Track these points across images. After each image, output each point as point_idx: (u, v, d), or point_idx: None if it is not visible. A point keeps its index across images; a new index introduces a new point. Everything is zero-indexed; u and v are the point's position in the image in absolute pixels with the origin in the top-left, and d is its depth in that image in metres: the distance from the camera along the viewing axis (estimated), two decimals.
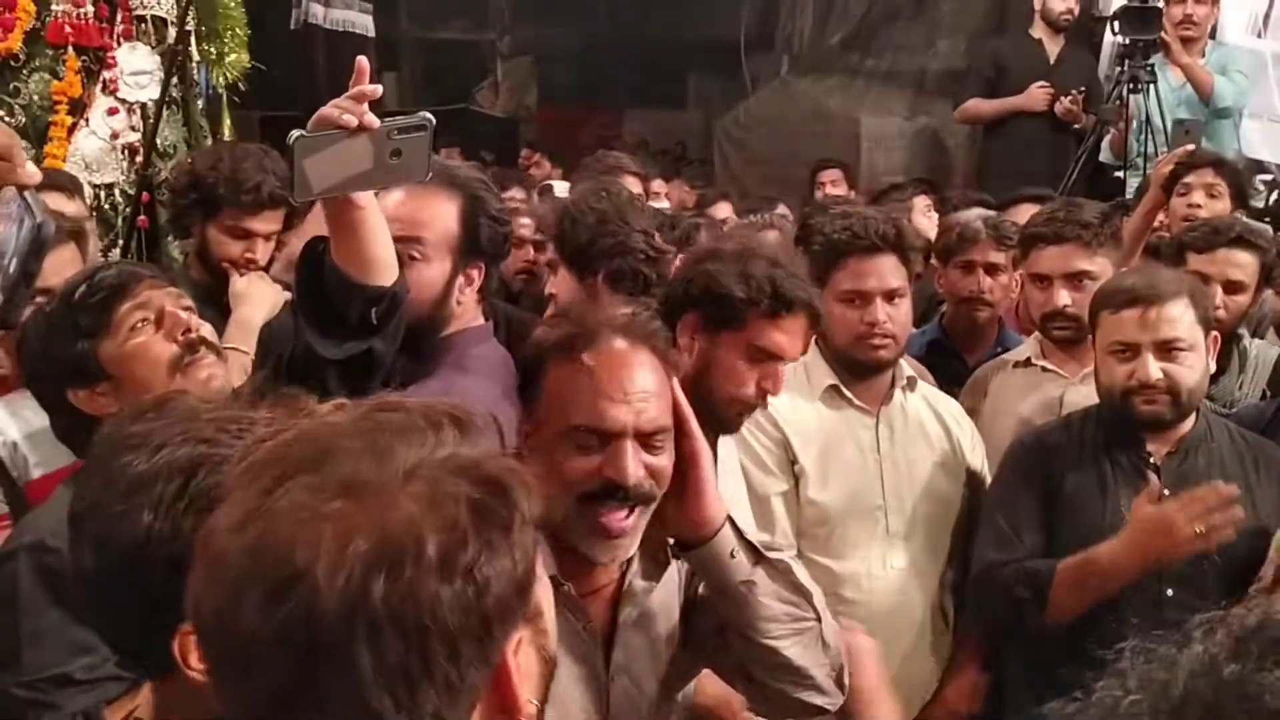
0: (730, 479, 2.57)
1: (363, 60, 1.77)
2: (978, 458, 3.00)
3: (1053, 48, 6.49)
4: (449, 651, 0.92)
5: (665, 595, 1.98)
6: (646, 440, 1.80)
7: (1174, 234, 3.70)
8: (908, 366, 2.97)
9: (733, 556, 1.86)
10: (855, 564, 2.81)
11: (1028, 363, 3.25)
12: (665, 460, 1.82)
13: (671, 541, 1.92)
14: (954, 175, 7.42)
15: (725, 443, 2.54)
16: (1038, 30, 6.51)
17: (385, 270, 1.90)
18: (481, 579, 0.93)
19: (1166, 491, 2.59)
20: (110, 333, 2.00)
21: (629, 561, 1.92)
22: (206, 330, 2.10)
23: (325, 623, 0.89)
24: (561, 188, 5.14)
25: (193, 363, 2.00)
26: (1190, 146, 4.28)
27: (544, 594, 1.07)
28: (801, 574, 1.93)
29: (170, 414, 1.31)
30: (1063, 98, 6.23)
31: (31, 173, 1.25)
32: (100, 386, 1.99)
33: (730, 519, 1.88)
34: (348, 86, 1.76)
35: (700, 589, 1.99)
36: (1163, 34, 5.67)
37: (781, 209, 5.15)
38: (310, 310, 1.94)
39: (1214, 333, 2.73)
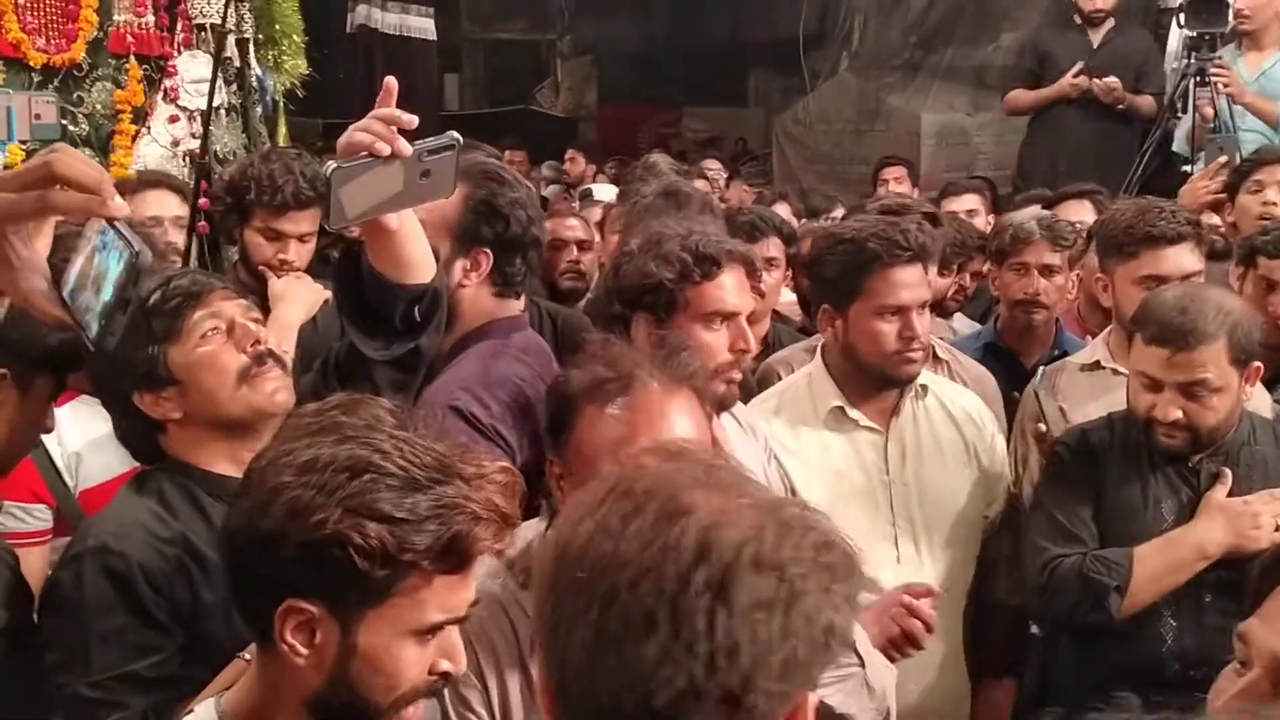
0: (738, 451, 2.53)
1: (391, 81, 1.76)
2: (998, 456, 2.90)
3: (1096, 33, 6.35)
4: (804, 623, 0.97)
5: None
6: None
7: (1245, 235, 3.59)
8: (925, 373, 2.85)
9: None
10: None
11: (1096, 365, 3.18)
12: None
13: None
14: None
15: (731, 429, 2.49)
16: (1080, 19, 6.41)
17: (422, 269, 1.90)
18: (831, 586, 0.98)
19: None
20: (181, 339, 1.99)
21: None
22: (274, 343, 2.11)
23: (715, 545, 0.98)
24: (602, 191, 5.15)
25: (259, 374, 1.99)
26: (1223, 159, 4.18)
27: None
28: None
29: (359, 415, 1.39)
30: (1097, 81, 6.11)
31: (119, 206, 1.27)
32: (167, 391, 1.98)
33: None
34: (407, 92, 1.77)
35: None
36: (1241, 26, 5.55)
37: (839, 211, 5.11)
38: (354, 312, 1.95)
39: (1255, 363, 2.65)
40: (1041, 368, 3.24)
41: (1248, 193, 3.98)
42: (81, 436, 2.50)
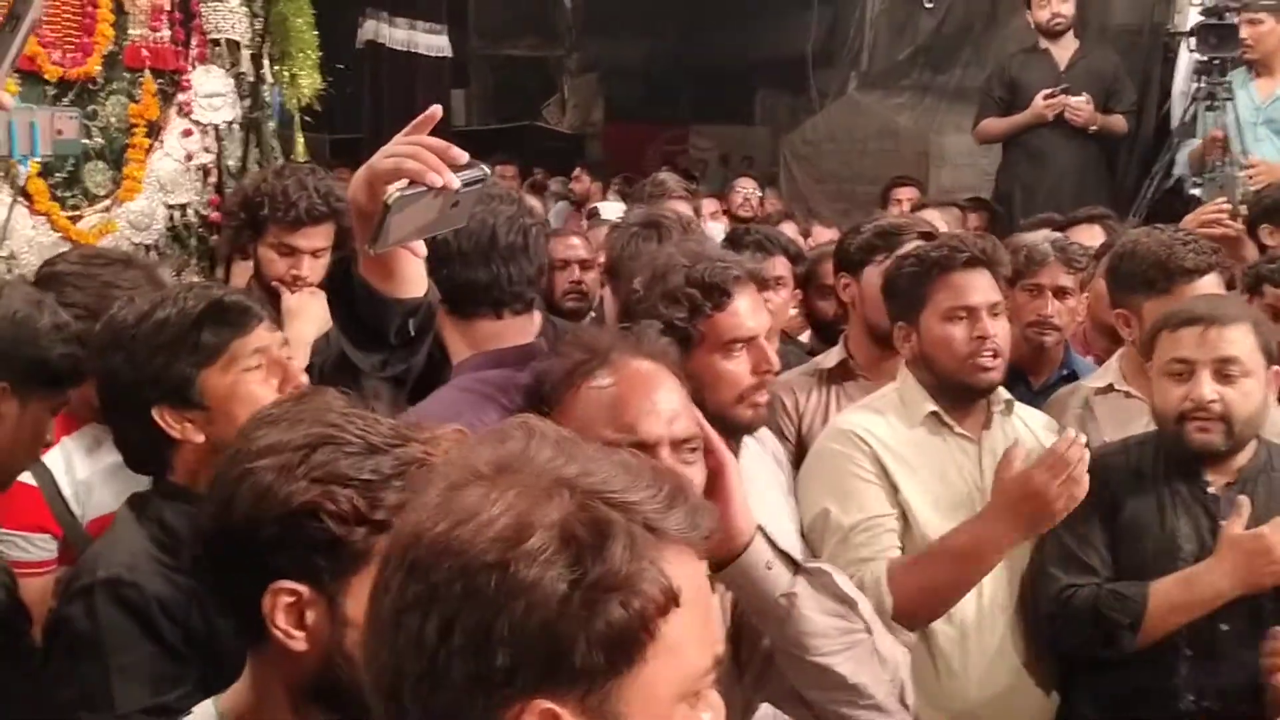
0: (759, 480, 2.50)
1: (436, 109, 1.78)
2: None
3: (1062, 54, 6.38)
4: (442, 625, 0.97)
5: None
6: (679, 449, 1.77)
7: (1251, 264, 3.58)
8: (1003, 389, 2.86)
9: (769, 568, 1.80)
10: (964, 606, 2.66)
11: (1109, 389, 3.17)
12: (698, 473, 1.78)
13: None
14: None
15: (749, 445, 2.48)
16: (1043, 41, 6.40)
17: (415, 283, 1.89)
18: (512, 584, 0.96)
19: (1224, 522, 2.55)
20: (222, 364, 1.98)
21: None
22: (305, 383, 2.10)
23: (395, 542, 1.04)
24: (608, 209, 5.15)
25: None
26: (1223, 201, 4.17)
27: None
28: (844, 583, 1.86)
29: (309, 403, 1.44)
30: (1070, 102, 6.13)
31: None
32: (192, 414, 1.96)
33: (762, 530, 1.83)
34: (418, 109, 1.78)
35: (744, 615, 1.93)
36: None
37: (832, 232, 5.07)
38: (347, 325, 1.95)
39: (1276, 367, 2.65)
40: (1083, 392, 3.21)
41: None
42: (92, 465, 2.47)
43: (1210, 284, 2.99)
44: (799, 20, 9.55)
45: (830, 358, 3.41)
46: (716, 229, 5.38)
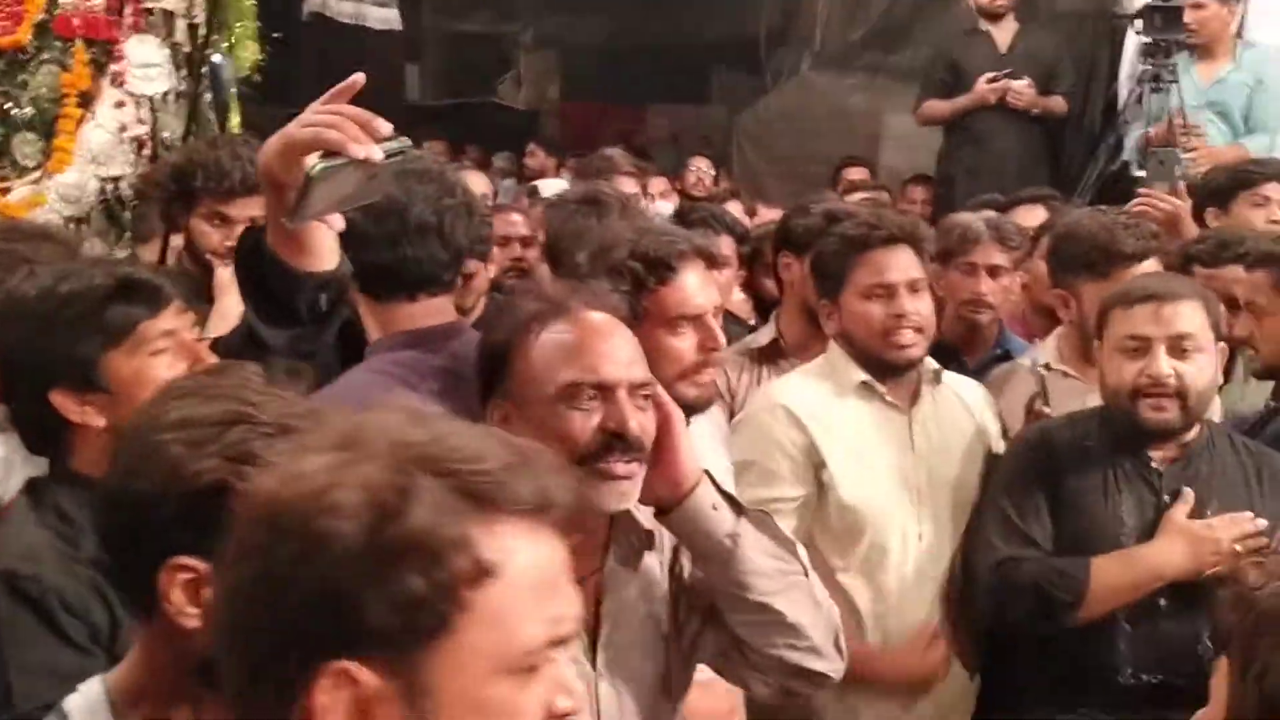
0: (708, 460, 2.52)
1: (359, 77, 1.73)
2: (1000, 446, 2.94)
3: (1003, 36, 6.42)
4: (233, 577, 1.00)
5: (648, 588, 1.94)
6: (635, 393, 1.82)
7: (1182, 245, 3.61)
8: (931, 360, 2.91)
9: (715, 509, 1.85)
10: (886, 577, 2.73)
11: (1047, 368, 3.20)
12: (650, 420, 1.83)
13: (652, 514, 1.90)
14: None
15: (698, 423, 2.45)
16: (983, 23, 6.44)
17: (327, 255, 1.85)
18: (309, 537, 0.96)
19: (1167, 498, 2.62)
20: (128, 346, 1.91)
21: (606, 547, 1.90)
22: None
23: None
24: (549, 186, 5.13)
25: None
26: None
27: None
28: (784, 527, 1.95)
29: (226, 378, 1.41)
30: (1013, 85, 6.17)
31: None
32: (93, 396, 1.89)
33: (708, 473, 1.88)
34: (369, 83, 1.74)
35: (685, 573, 1.97)
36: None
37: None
38: (257, 299, 1.89)
39: (1222, 344, 2.69)
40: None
41: (1251, 204, 3.97)
42: (8, 441, 2.36)
43: (1149, 269, 3.03)
44: (755, 0, 9.52)
45: (762, 336, 3.46)
46: (665, 208, 5.37)
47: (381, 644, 0.96)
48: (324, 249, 1.83)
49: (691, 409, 2.36)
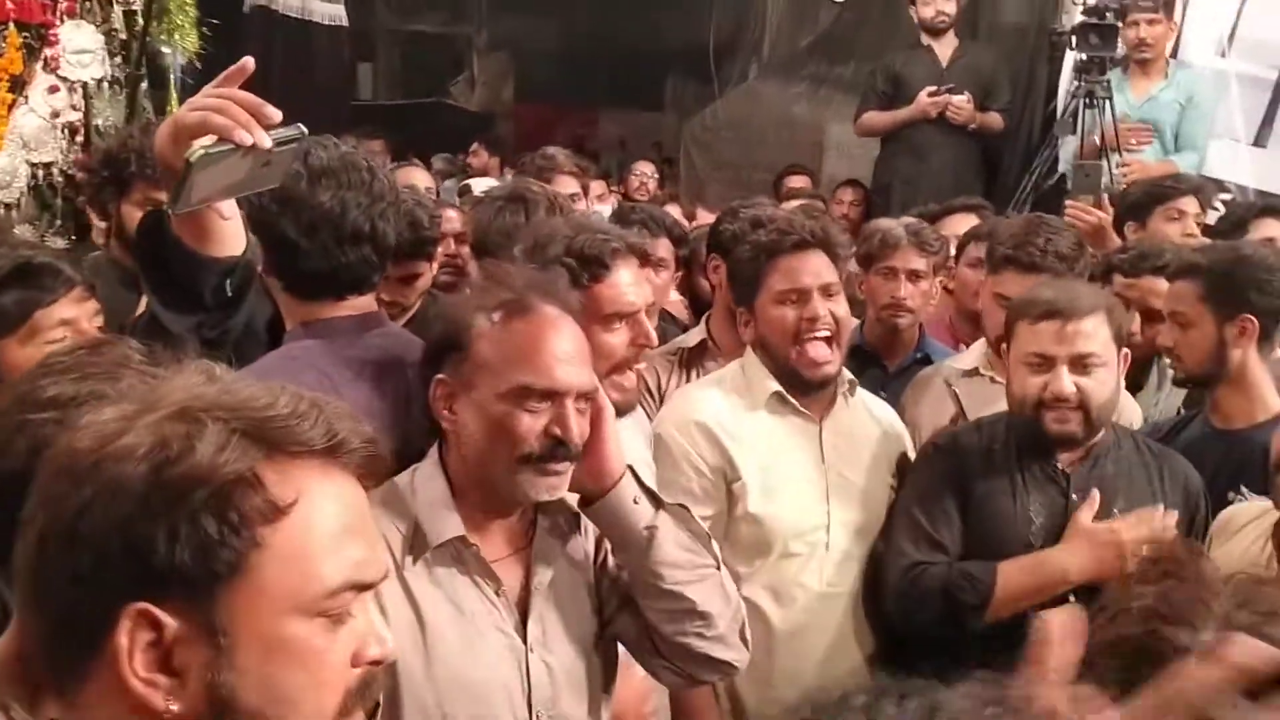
0: (634, 456, 2.54)
1: (248, 61, 1.71)
2: (911, 455, 2.97)
3: (944, 51, 6.52)
4: (39, 534, 1.00)
5: (575, 568, 2.01)
6: (580, 400, 1.89)
7: (1104, 255, 3.69)
8: (847, 371, 2.91)
9: (635, 503, 1.93)
10: (793, 588, 2.73)
11: (975, 372, 3.25)
12: (585, 423, 1.91)
13: (577, 499, 1.97)
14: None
15: (625, 426, 2.48)
16: (925, 38, 6.53)
17: (233, 240, 1.82)
18: (94, 487, 0.98)
19: (1075, 498, 2.65)
20: (23, 335, 1.92)
21: (534, 524, 1.97)
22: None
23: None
24: (481, 185, 5.13)
25: None
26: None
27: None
28: (699, 522, 2.01)
29: (104, 354, 1.38)
30: (953, 100, 6.27)
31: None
32: None
33: (631, 469, 1.96)
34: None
35: (608, 559, 2.03)
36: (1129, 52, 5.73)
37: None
38: (159, 285, 1.87)
39: (1125, 350, 2.74)
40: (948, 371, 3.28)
41: (1166, 219, 4.05)
42: None
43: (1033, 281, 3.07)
44: (707, 8, 9.59)
45: (691, 337, 3.46)
46: (604, 210, 5.39)
47: (178, 584, 0.97)
48: (230, 234, 1.82)
49: (618, 408, 2.37)
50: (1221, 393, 2.91)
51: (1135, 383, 3.34)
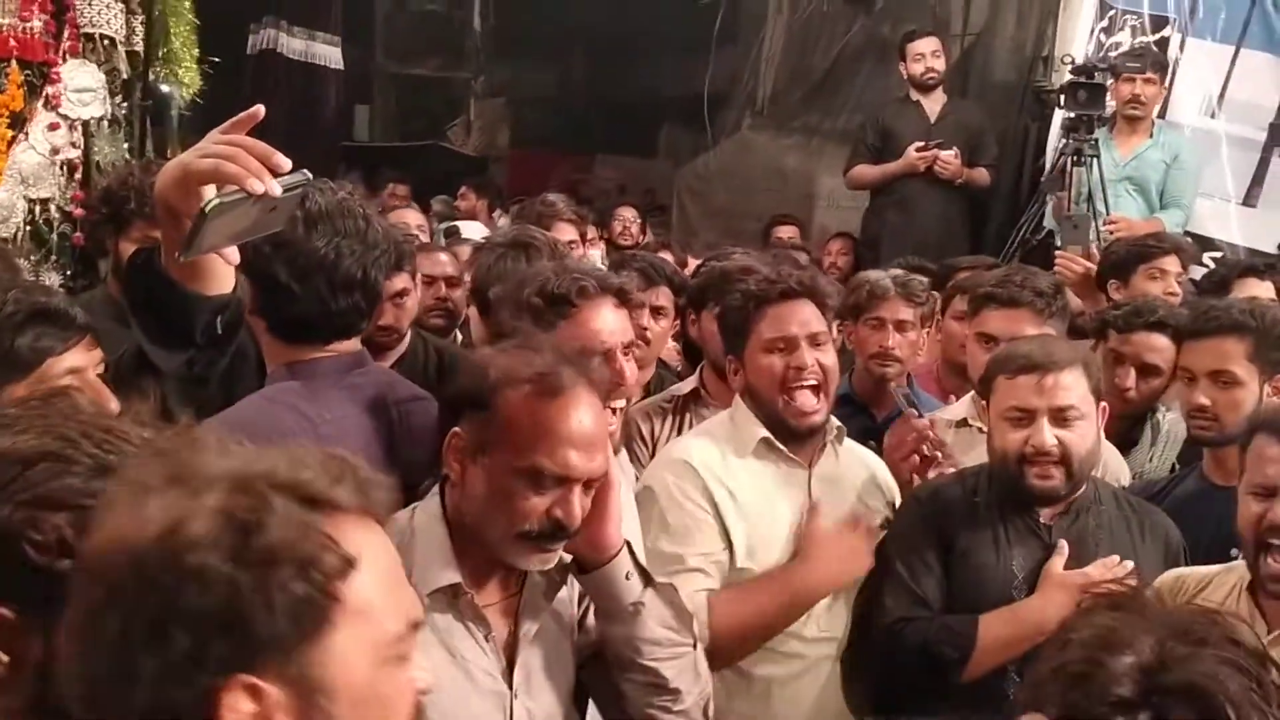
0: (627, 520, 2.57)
1: (258, 109, 1.72)
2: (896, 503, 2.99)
3: (933, 107, 6.61)
4: (122, 624, 1.00)
5: (560, 618, 2.05)
6: (591, 485, 1.92)
7: (1098, 311, 3.74)
8: (835, 419, 2.92)
9: (627, 579, 1.97)
10: (787, 637, 2.71)
11: (964, 423, 3.27)
12: (588, 503, 1.93)
13: (570, 559, 2.00)
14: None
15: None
16: (914, 93, 6.63)
17: (223, 278, 1.83)
18: (180, 572, 1.00)
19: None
20: (30, 382, 1.90)
21: (525, 575, 1.99)
22: (116, 407, 2.04)
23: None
24: (471, 230, 5.15)
25: None
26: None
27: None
28: (684, 598, 2.06)
29: (52, 407, 1.34)
30: (941, 155, 6.34)
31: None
32: None
33: (628, 543, 1.99)
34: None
35: (589, 614, 2.07)
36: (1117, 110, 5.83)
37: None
38: (148, 322, 1.87)
39: (1103, 404, 2.77)
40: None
41: (1148, 277, 4.10)
42: None
43: (1014, 317, 3.18)
44: (702, 59, 9.68)
45: (685, 385, 3.48)
46: (594, 255, 5.43)
47: (274, 652, 1.00)
48: (220, 273, 1.83)
49: None
50: (1229, 451, 2.88)
51: (1128, 439, 3.37)
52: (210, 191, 1.64)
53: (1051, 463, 2.64)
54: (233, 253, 1.77)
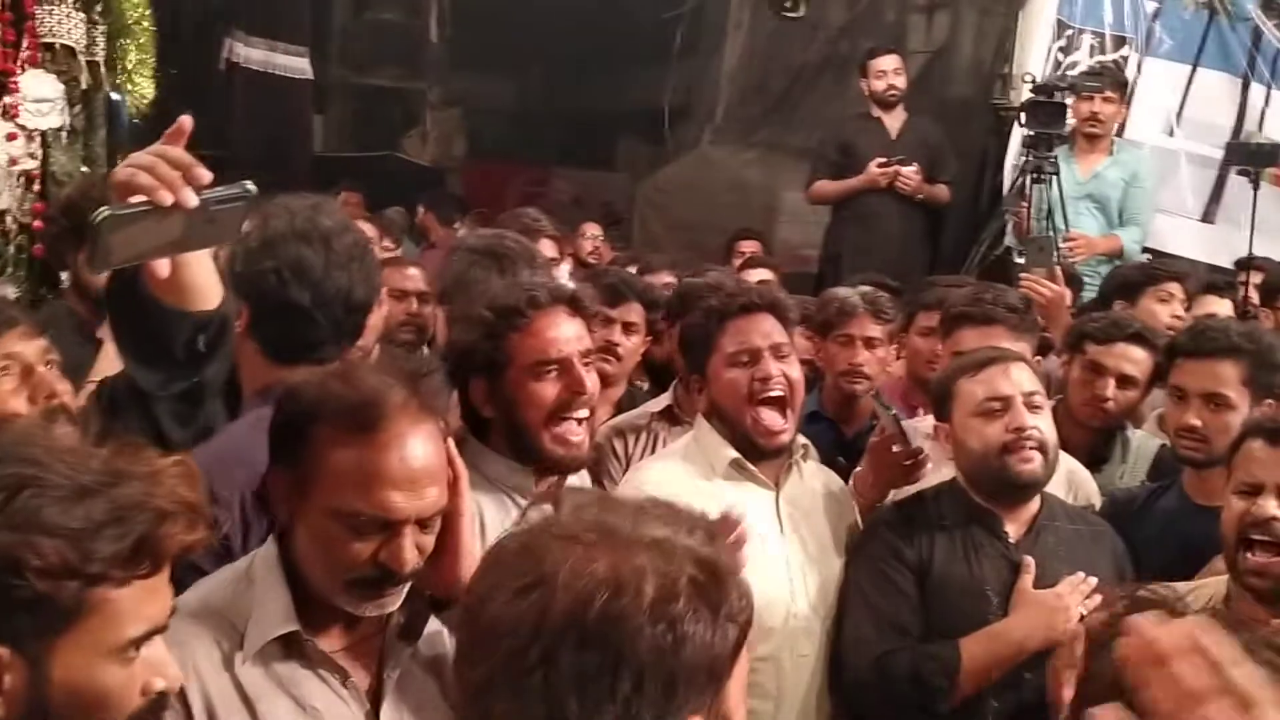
0: None
1: (185, 120, 1.67)
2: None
3: (893, 123, 6.65)
4: (634, 683, 1.12)
5: (435, 650, 1.89)
6: (424, 523, 1.75)
7: (1075, 322, 3.77)
8: (801, 436, 2.89)
9: None
10: (764, 656, 2.66)
11: (934, 435, 3.27)
12: (434, 535, 1.78)
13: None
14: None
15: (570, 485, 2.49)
16: (875, 109, 6.67)
17: (207, 294, 1.79)
18: (680, 634, 1.14)
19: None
20: None
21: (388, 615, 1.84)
22: (69, 398, 2.00)
23: (550, 619, 1.13)
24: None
25: None
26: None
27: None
28: None
29: (7, 434, 1.31)
30: (902, 171, 6.39)
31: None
32: None
33: None
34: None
35: None
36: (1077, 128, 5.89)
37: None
38: (130, 340, 1.84)
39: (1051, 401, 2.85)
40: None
41: (1157, 299, 4.14)
42: None
43: (988, 334, 3.18)
44: (661, 73, 9.70)
45: (659, 403, 3.46)
46: (564, 270, 5.38)
47: (713, 686, 1.21)
48: (204, 288, 1.79)
49: (560, 467, 2.37)
50: (1214, 470, 2.88)
51: (1098, 456, 3.39)
52: (105, 206, 1.59)
53: (1033, 447, 2.66)
54: (161, 265, 1.67)
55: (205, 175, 1.60)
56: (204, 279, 1.78)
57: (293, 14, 7.96)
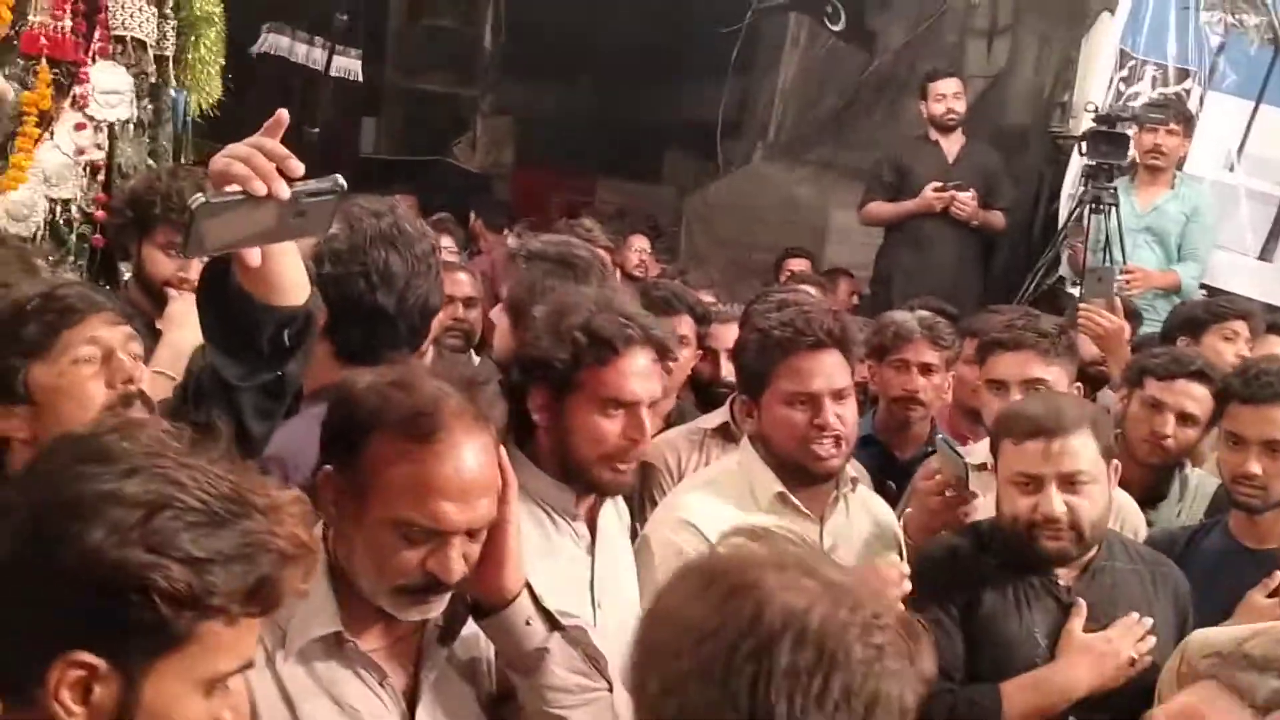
0: (616, 543, 2.49)
1: (283, 113, 1.69)
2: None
3: (951, 147, 6.61)
4: (844, 693, 1.15)
5: (471, 654, 1.92)
6: (474, 536, 1.77)
7: (1135, 357, 3.73)
8: (850, 466, 2.83)
9: (528, 624, 1.84)
10: None
11: (983, 467, 3.23)
12: (480, 544, 1.80)
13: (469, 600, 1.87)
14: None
15: (608, 511, 2.47)
16: (933, 133, 6.62)
17: (295, 290, 1.79)
18: (884, 664, 1.18)
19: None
20: (50, 356, 1.89)
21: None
22: (147, 384, 2.01)
23: (768, 616, 1.17)
24: None
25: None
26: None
27: None
28: (597, 641, 1.93)
29: (136, 440, 1.29)
30: (959, 196, 6.34)
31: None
32: (18, 408, 1.87)
33: (529, 586, 1.86)
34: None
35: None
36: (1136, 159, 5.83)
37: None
38: (217, 332, 1.83)
39: (1115, 462, 2.70)
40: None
41: (1222, 337, 4.11)
42: None
43: (1020, 360, 3.19)
44: (713, 88, 9.70)
45: (713, 419, 3.42)
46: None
47: None
48: (293, 284, 1.79)
49: (605, 490, 2.37)
50: (1271, 516, 2.85)
51: (1156, 493, 3.34)
52: (200, 193, 1.64)
53: (1062, 529, 2.58)
54: (252, 255, 1.69)
55: (299, 167, 1.62)
56: (293, 274, 1.79)
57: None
